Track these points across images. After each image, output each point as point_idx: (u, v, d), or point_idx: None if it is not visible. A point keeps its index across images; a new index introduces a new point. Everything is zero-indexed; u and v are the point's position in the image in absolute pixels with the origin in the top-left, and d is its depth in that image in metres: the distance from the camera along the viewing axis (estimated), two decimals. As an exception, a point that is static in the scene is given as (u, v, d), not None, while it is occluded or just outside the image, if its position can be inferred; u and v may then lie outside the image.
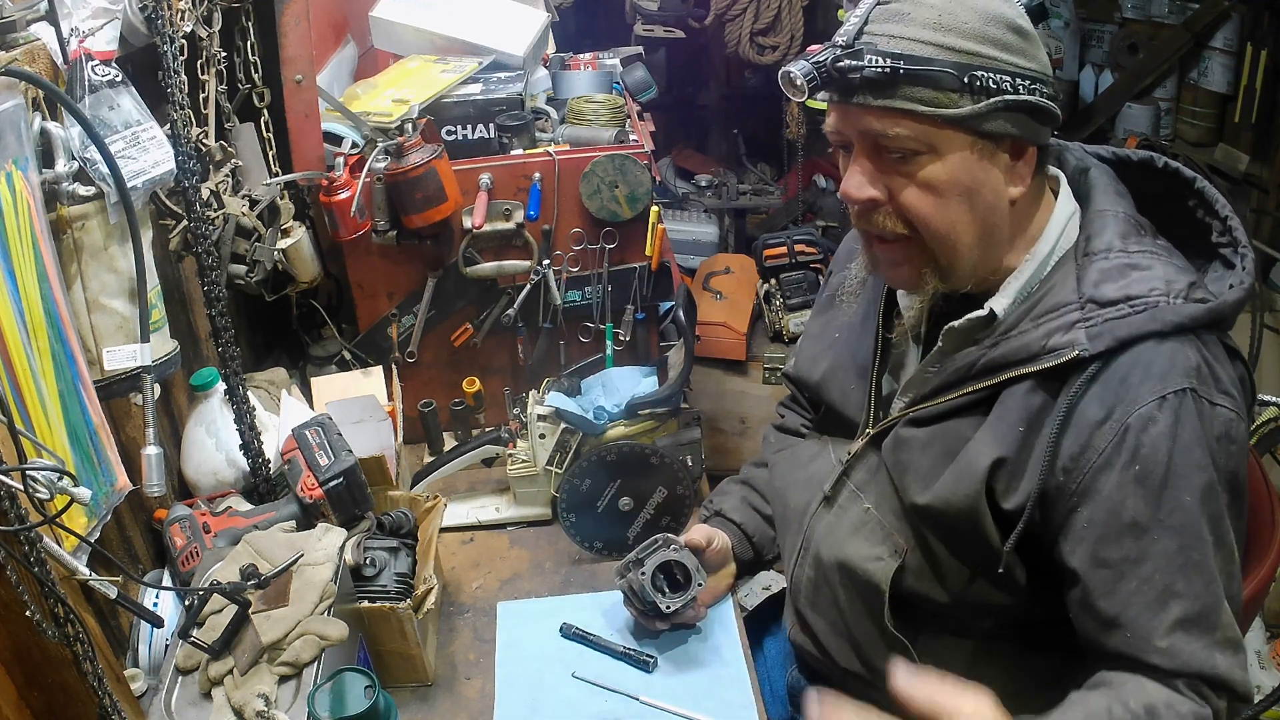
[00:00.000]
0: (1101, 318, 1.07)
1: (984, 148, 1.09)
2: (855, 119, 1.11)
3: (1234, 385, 1.08)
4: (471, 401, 1.85)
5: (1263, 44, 2.72)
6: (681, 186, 3.46)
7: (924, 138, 1.08)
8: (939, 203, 1.11)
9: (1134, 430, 1.04)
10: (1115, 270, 1.10)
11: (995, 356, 1.14)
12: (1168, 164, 1.22)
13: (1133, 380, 1.05)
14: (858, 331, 1.36)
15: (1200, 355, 1.06)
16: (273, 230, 1.71)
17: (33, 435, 1.04)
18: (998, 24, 1.07)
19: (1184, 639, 1.03)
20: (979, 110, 1.06)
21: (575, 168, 1.76)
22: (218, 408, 1.57)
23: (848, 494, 1.30)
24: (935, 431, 1.19)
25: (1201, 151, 2.95)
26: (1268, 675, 2.46)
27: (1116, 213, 1.16)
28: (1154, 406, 1.03)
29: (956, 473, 1.14)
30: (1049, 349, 1.09)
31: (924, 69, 1.05)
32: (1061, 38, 3.28)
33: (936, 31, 1.06)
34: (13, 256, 1.05)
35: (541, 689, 1.39)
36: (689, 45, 3.35)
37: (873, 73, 1.06)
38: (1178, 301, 1.06)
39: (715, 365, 2.71)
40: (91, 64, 1.19)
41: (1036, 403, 1.10)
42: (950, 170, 1.09)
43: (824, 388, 1.39)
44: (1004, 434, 1.11)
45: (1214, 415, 1.05)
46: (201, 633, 1.20)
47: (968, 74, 1.05)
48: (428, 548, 1.44)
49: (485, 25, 2.00)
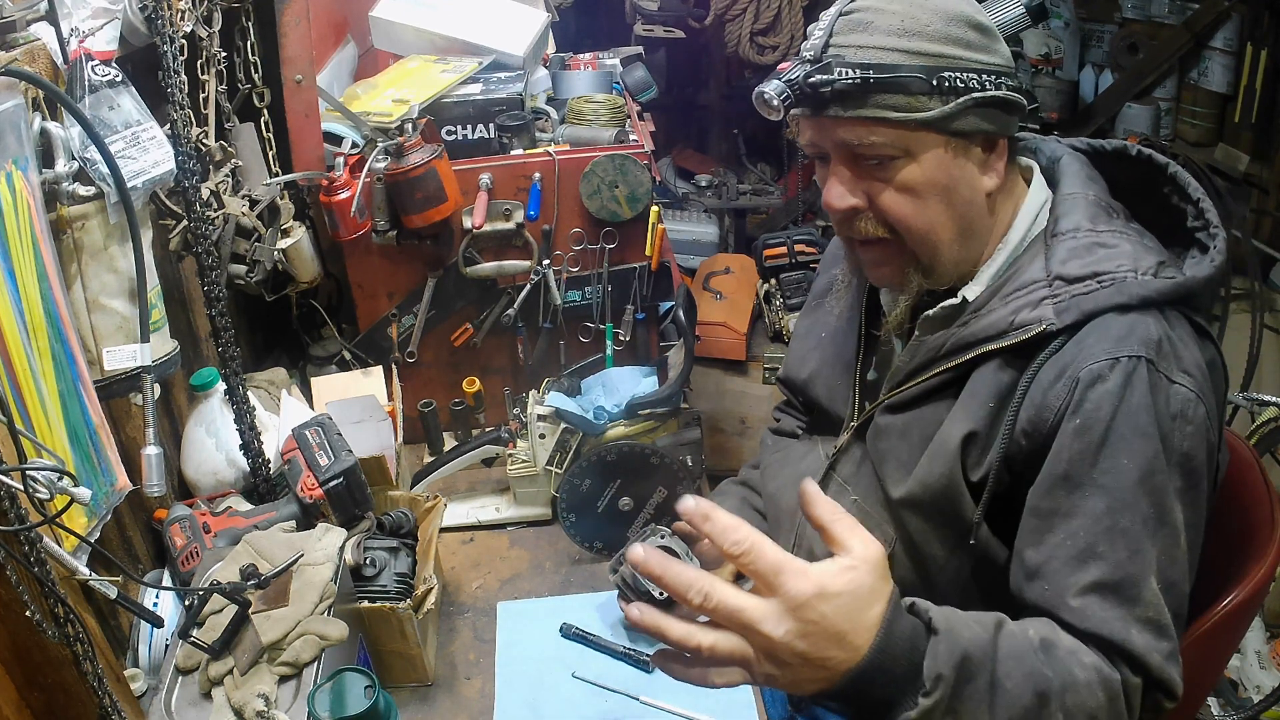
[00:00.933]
0: (1069, 294, 1.08)
1: (957, 145, 1.11)
2: (830, 131, 1.13)
3: (1196, 367, 1.06)
4: (471, 401, 1.85)
5: (1263, 44, 2.72)
6: (681, 186, 3.46)
7: (898, 142, 1.10)
8: (917, 204, 1.13)
9: (1082, 384, 1.04)
10: (1083, 248, 1.11)
11: (964, 335, 1.15)
12: (1140, 151, 1.22)
13: (1088, 342, 1.05)
14: (843, 330, 1.38)
15: (1163, 330, 1.05)
16: (273, 230, 1.71)
17: (33, 435, 1.04)
18: (959, 23, 1.09)
19: (1098, 603, 1.00)
20: (949, 111, 1.08)
21: (575, 168, 1.76)
22: (218, 408, 1.57)
23: (836, 488, 1.31)
24: (911, 418, 1.20)
25: (1201, 151, 2.95)
26: (1268, 675, 2.45)
27: (1086, 195, 1.17)
28: (1105, 365, 1.03)
29: (931, 454, 1.15)
30: (1016, 325, 1.10)
31: (893, 76, 1.06)
32: (1061, 38, 3.28)
33: (901, 37, 1.07)
34: (13, 256, 1.05)
35: (541, 689, 1.39)
36: (689, 45, 3.35)
37: (843, 85, 1.07)
38: (1146, 277, 1.07)
39: (715, 365, 2.71)
40: (91, 64, 1.19)
41: (1005, 379, 1.11)
42: (926, 171, 1.11)
43: (811, 386, 1.41)
44: (974, 410, 1.12)
45: (1171, 392, 1.03)
46: (201, 633, 1.20)
47: (936, 76, 1.07)
48: (428, 548, 1.45)
49: (485, 25, 2.00)
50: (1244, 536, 1.25)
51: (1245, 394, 2.55)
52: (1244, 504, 1.26)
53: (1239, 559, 1.23)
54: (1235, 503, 1.26)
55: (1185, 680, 1.03)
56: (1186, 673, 1.03)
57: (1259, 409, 2.42)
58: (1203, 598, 1.17)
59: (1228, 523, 1.22)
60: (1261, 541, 1.26)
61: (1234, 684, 2.46)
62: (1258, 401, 2.42)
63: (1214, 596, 1.19)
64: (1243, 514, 1.26)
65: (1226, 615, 1.22)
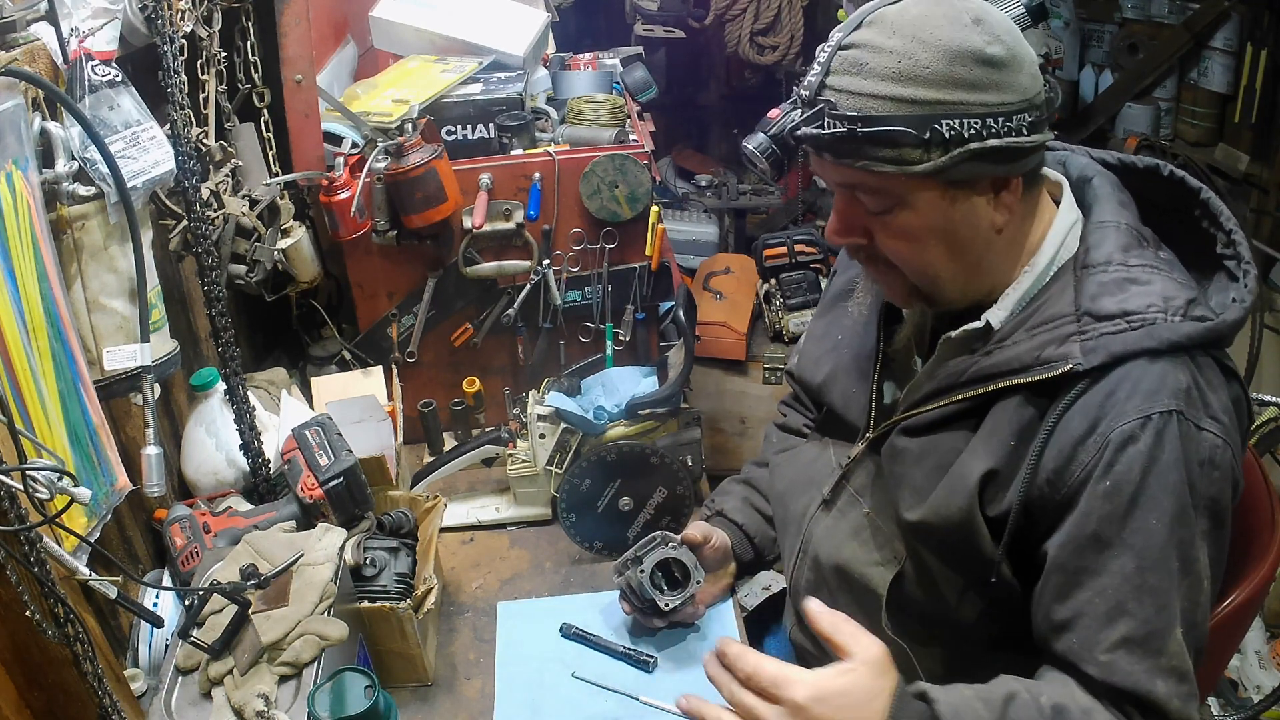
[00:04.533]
0: (1097, 332, 1.06)
1: (956, 192, 1.09)
2: (829, 170, 1.12)
3: (1224, 411, 1.06)
4: (471, 401, 1.85)
5: (1263, 44, 2.72)
6: (681, 186, 3.46)
7: (892, 191, 1.08)
8: (915, 247, 1.12)
9: (1113, 446, 1.02)
10: (1114, 284, 1.08)
11: (986, 365, 1.13)
12: (1173, 173, 1.20)
13: (1119, 396, 1.03)
14: (860, 335, 1.36)
15: (1192, 377, 1.04)
16: (273, 230, 1.71)
17: (33, 435, 1.04)
18: (963, 61, 1.02)
19: (1126, 657, 1.02)
20: (942, 164, 1.04)
21: (575, 168, 1.76)
22: (218, 408, 1.57)
23: (847, 498, 1.30)
24: (927, 444, 1.18)
25: (1201, 151, 2.95)
26: (1268, 675, 2.45)
27: (1119, 224, 1.14)
28: (1137, 425, 1.02)
29: (949, 486, 1.13)
30: (1042, 360, 1.08)
31: (882, 130, 1.03)
32: (1061, 38, 3.28)
33: (895, 84, 1.03)
34: (13, 256, 1.05)
35: (541, 689, 1.39)
36: (689, 45, 3.35)
37: (829, 137, 1.06)
38: (1175, 319, 1.05)
39: (715, 365, 2.71)
40: (91, 64, 1.19)
41: (1028, 416, 1.09)
42: (923, 218, 1.09)
43: (826, 390, 1.39)
44: (995, 447, 1.11)
45: (1199, 439, 1.03)
46: (201, 633, 1.20)
47: (929, 128, 1.02)
48: (428, 548, 1.44)
49: (485, 25, 2.00)
50: (1244, 537, 1.25)
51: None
52: (1244, 504, 1.26)
53: (1239, 559, 1.23)
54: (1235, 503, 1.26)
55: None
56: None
57: (1259, 409, 2.42)
58: (1203, 598, 1.17)
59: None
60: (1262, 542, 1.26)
61: (1234, 684, 2.47)
62: (1258, 401, 2.41)
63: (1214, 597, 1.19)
64: (1243, 514, 1.25)
65: (1226, 615, 1.22)
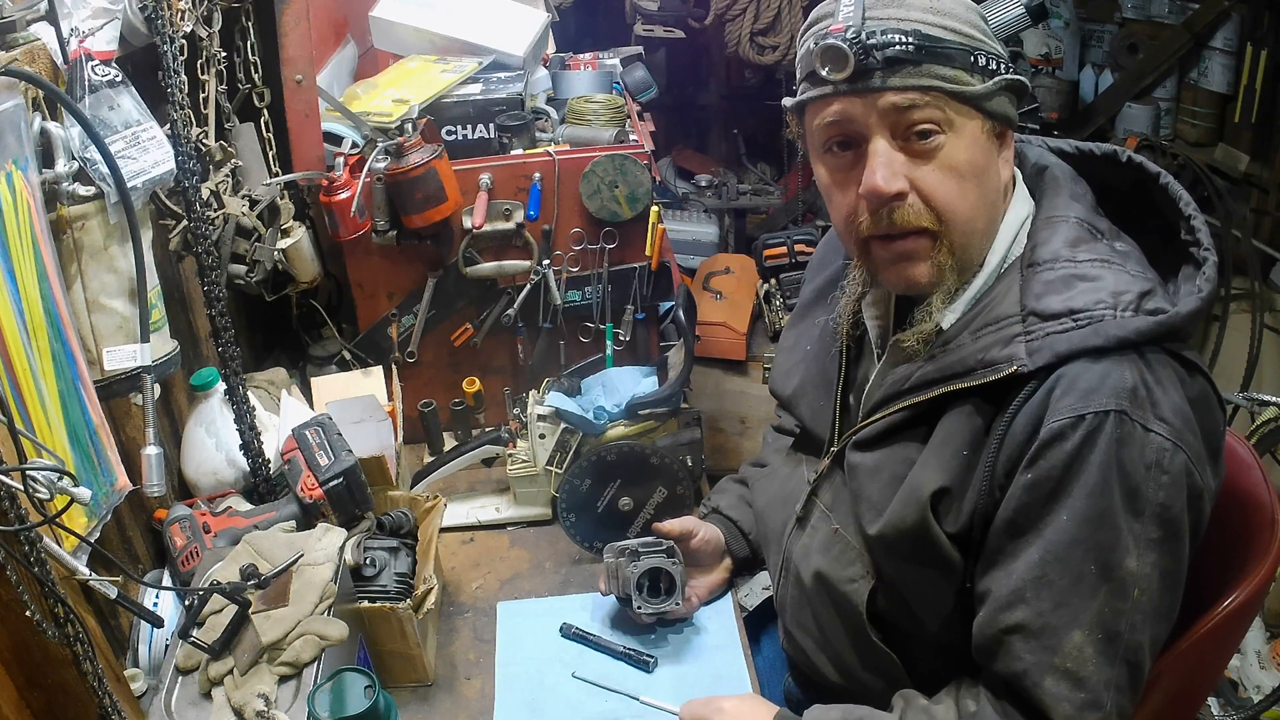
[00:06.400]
0: (1043, 332, 1.04)
1: (990, 128, 1.09)
2: (873, 102, 1.05)
3: (1175, 413, 1.01)
4: (471, 401, 1.85)
5: (1263, 44, 2.72)
6: (681, 186, 3.46)
7: (946, 115, 1.06)
8: (961, 186, 1.07)
9: (1041, 441, 1.01)
10: (1060, 281, 1.06)
11: (930, 370, 1.11)
12: (1130, 158, 1.18)
13: (1055, 394, 1.02)
14: (826, 348, 1.33)
15: (1140, 376, 1.00)
16: (273, 230, 1.71)
17: (33, 435, 1.04)
18: (974, 12, 1.09)
19: (1020, 641, 1.03)
20: (990, 88, 1.07)
21: (575, 168, 1.76)
22: (218, 408, 1.57)
23: (818, 514, 1.29)
24: (882, 457, 1.17)
25: (1201, 151, 2.95)
26: (1268, 675, 2.45)
27: (1068, 218, 1.12)
28: (1068, 423, 1.00)
29: (903, 500, 1.12)
30: (986, 363, 1.06)
31: (942, 47, 1.05)
32: (1061, 38, 3.28)
33: (936, 15, 1.06)
34: (13, 256, 1.05)
35: (541, 689, 1.39)
36: (689, 45, 3.35)
37: (897, 51, 1.03)
38: (1126, 315, 1.01)
39: (715, 365, 2.70)
40: (91, 64, 1.19)
41: (978, 426, 1.08)
42: (967, 150, 1.07)
43: (795, 404, 1.38)
44: (947, 459, 1.09)
45: (1145, 442, 0.99)
46: (201, 633, 1.20)
47: (973, 54, 1.06)
48: (428, 548, 1.45)
49: (485, 25, 2.00)
50: (1244, 537, 1.24)
51: (1245, 394, 2.54)
52: (1244, 504, 1.26)
53: (1239, 559, 1.23)
54: (1235, 503, 1.26)
55: (1186, 680, 1.03)
56: (1187, 673, 1.04)
57: (1259, 409, 2.42)
58: (1203, 598, 1.17)
59: (1228, 523, 1.22)
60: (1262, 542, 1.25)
61: (1234, 684, 2.46)
62: (1258, 401, 2.42)
63: (1214, 596, 1.19)
64: (1243, 514, 1.25)
65: (1226, 616, 1.21)
